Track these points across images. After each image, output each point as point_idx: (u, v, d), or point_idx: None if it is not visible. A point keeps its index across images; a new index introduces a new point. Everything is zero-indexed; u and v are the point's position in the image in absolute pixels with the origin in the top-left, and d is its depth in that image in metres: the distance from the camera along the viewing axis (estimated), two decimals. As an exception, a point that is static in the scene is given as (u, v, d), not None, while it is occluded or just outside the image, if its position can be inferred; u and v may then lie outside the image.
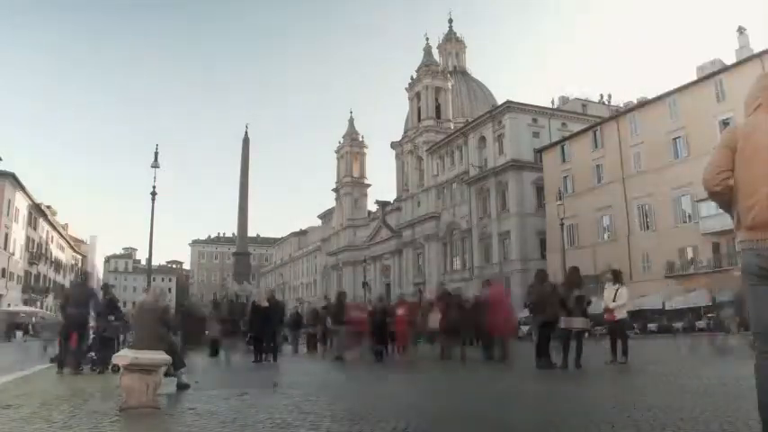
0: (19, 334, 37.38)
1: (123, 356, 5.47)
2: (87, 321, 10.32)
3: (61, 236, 76.20)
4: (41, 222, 64.60)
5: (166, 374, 6.83)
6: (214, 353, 14.81)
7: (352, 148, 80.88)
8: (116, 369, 6.81)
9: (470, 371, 9.91)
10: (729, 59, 36.45)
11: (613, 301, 9.96)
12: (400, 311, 13.69)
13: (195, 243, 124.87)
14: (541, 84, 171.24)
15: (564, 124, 50.90)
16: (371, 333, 13.23)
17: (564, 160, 45.19)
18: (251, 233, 69.43)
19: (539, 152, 48.50)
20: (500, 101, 58.34)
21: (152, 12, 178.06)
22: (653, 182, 37.06)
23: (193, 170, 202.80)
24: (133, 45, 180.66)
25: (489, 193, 51.36)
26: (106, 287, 12.65)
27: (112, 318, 10.61)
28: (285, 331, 18.85)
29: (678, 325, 31.50)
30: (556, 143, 47.12)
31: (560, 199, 35.16)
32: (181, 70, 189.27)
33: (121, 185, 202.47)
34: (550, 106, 55.25)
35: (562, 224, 34.96)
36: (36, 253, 62.17)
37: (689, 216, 35.48)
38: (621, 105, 53.66)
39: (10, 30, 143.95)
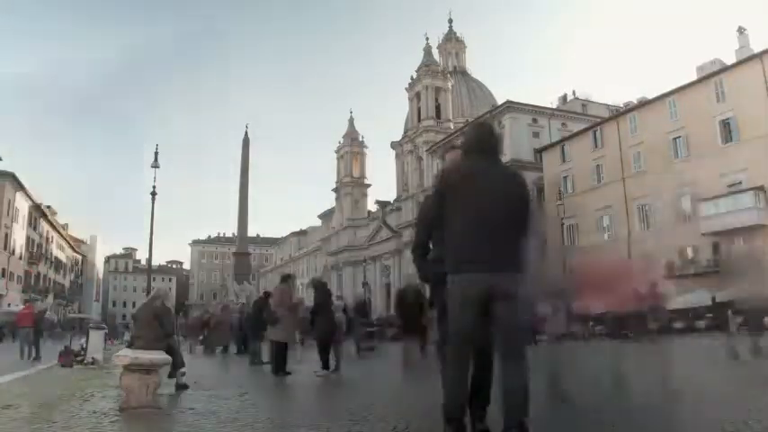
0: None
1: (123, 356, 5.48)
2: None
3: (61, 236, 76.22)
4: (41, 222, 64.64)
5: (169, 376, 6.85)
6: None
7: (352, 148, 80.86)
8: None
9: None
10: (729, 59, 36.44)
11: None
12: None
13: (195, 243, 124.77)
14: (541, 84, 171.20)
15: (564, 124, 50.88)
16: None
17: (564, 160, 45.18)
18: (251, 233, 69.50)
19: (539, 152, 48.48)
20: (500, 101, 58.33)
21: (152, 12, 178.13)
22: (653, 182, 37.06)
23: (193, 170, 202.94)
24: (133, 45, 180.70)
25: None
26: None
27: None
28: None
29: (678, 325, 31.44)
30: (556, 143, 47.10)
31: (560, 199, 35.20)
32: (181, 70, 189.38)
33: (121, 185, 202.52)
34: (550, 106, 55.25)
35: (562, 224, 34.99)
36: (36, 253, 62.19)
37: (689, 216, 35.48)
38: (621, 105, 53.66)
39: (10, 30, 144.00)
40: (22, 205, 56.23)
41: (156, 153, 23.32)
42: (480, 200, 2.89)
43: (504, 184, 2.99)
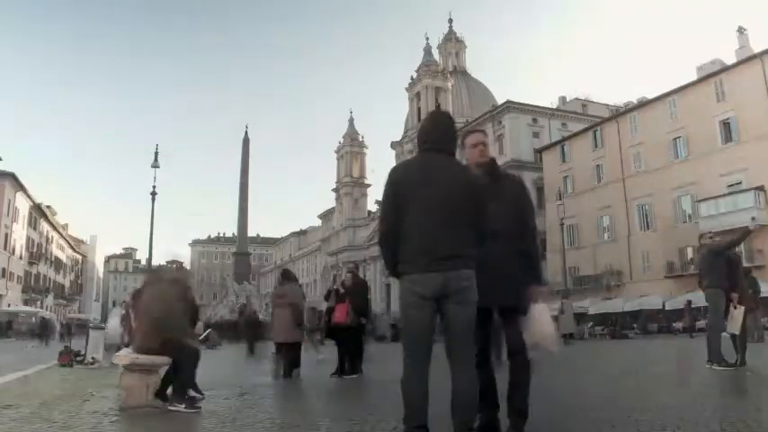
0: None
1: (123, 356, 5.48)
2: None
3: (61, 236, 76.23)
4: (41, 222, 64.65)
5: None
6: None
7: (352, 148, 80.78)
8: None
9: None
10: (729, 59, 36.49)
11: None
12: None
13: (195, 243, 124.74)
14: (541, 84, 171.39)
15: (564, 124, 50.88)
16: None
17: (564, 160, 45.19)
18: (251, 233, 69.36)
19: (539, 152, 48.51)
20: (500, 101, 58.32)
21: (152, 12, 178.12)
22: (653, 182, 37.07)
23: (193, 170, 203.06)
24: (133, 45, 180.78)
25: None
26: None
27: None
28: None
29: (678, 325, 31.50)
30: (556, 143, 47.13)
31: (560, 199, 35.19)
32: (181, 70, 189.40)
33: (121, 185, 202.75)
34: (550, 106, 55.23)
35: (562, 224, 34.97)
36: (36, 253, 62.21)
37: (689, 216, 35.48)
38: (621, 105, 53.68)
39: (10, 31, 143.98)
40: (23, 205, 56.25)
41: (156, 153, 23.38)
42: (430, 197, 2.85)
43: (454, 179, 2.94)
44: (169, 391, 5.18)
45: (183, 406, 4.96)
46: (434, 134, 3.08)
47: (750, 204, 31.36)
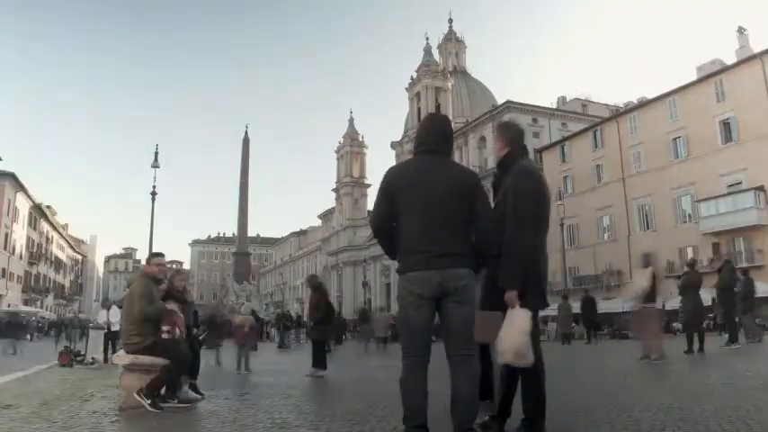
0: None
1: (123, 356, 5.48)
2: None
3: (61, 236, 76.24)
4: (41, 222, 64.66)
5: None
6: None
7: (352, 148, 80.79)
8: None
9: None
10: (729, 59, 36.51)
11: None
12: None
13: (195, 243, 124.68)
14: (541, 84, 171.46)
15: (564, 124, 50.91)
16: None
17: (564, 160, 45.19)
18: (251, 233, 69.40)
19: (539, 152, 48.49)
20: (500, 101, 58.34)
21: (152, 11, 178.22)
22: (653, 182, 37.06)
23: (193, 170, 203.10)
24: (133, 45, 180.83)
25: (489, 194, 51.24)
26: None
27: None
28: None
29: (678, 325, 31.45)
30: (556, 143, 47.12)
31: (560, 199, 35.18)
32: (181, 70, 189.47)
33: (121, 185, 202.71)
34: (550, 106, 55.23)
35: (562, 224, 34.95)
36: (36, 253, 62.21)
37: (689, 216, 35.48)
38: (621, 105, 53.67)
39: (10, 32, 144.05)
40: (23, 205, 56.24)
41: (156, 153, 23.37)
42: (425, 198, 2.87)
43: (450, 180, 2.97)
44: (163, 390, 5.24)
45: (176, 401, 5.25)
46: (431, 136, 3.10)
47: (750, 204, 31.37)
